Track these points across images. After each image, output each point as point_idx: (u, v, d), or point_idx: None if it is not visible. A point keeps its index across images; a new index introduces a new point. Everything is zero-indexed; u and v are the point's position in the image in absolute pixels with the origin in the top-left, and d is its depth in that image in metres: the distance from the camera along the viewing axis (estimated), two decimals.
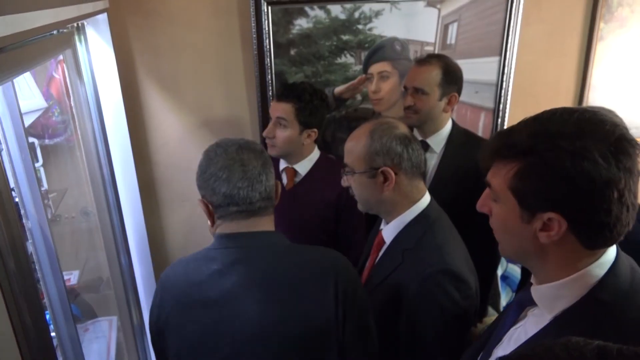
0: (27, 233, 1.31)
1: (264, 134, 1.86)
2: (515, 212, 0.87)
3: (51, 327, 1.39)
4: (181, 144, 2.32)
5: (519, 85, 2.37)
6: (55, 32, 1.35)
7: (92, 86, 1.78)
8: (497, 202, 0.91)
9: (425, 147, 1.91)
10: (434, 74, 1.80)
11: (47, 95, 1.89)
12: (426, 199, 1.37)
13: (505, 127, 2.38)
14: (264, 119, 2.29)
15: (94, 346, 1.99)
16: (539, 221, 0.84)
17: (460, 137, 1.90)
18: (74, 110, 1.72)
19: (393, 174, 1.29)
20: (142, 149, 2.29)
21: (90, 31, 1.80)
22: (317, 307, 1.11)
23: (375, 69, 2.30)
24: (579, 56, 2.45)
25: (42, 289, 1.38)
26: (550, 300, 0.89)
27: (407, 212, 1.34)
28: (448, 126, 1.90)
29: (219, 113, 2.31)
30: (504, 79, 2.34)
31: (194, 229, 2.44)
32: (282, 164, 1.94)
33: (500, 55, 2.32)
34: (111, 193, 1.92)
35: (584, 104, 2.45)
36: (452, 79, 1.82)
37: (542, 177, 0.82)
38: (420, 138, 1.92)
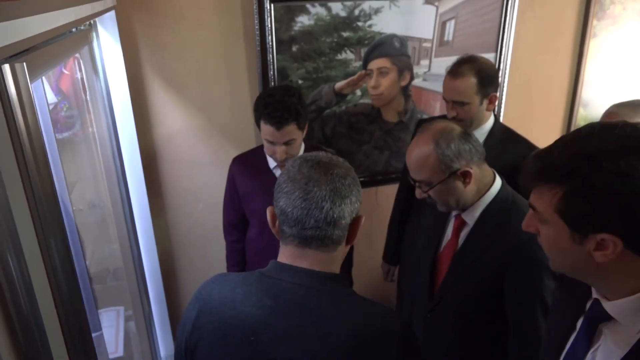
0: None
1: (280, 160, 1.75)
2: (566, 233, 0.84)
3: None
4: (186, 139, 2.37)
5: (514, 80, 2.44)
6: (74, 29, 1.41)
7: (104, 82, 1.84)
8: (544, 223, 0.88)
9: None
10: (470, 83, 1.77)
11: (56, 91, 1.93)
12: (499, 179, 1.46)
13: (501, 120, 2.45)
14: None
15: (104, 335, 2.06)
16: (592, 242, 0.81)
17: (500, 134, 1.91)
18: (89, 105, 1.77)
19: (470, 171, 1.38)
20: (147, 143, 2.34)
21: (99, 29, 1.85)
22: None
23: (374, 65, 2.37)
24: (573, 52, 2.52)
25: None
26: (633, 314, 0.84)
27: (487, 194, 1.44)
28: (490, 122, 1.90)
29: (222, 108, 2.36)
30: (500, 74, 2.42)
31: (197, 222, 2.50)
32: (272, 163, 1.89)
33: (496, 51, 2.39)
34: (122, 185, 1.98)
35: (577, 99, 2.53)
36: (488, 80, 1.79)
37: (590, 200, 0.79)
38: None
